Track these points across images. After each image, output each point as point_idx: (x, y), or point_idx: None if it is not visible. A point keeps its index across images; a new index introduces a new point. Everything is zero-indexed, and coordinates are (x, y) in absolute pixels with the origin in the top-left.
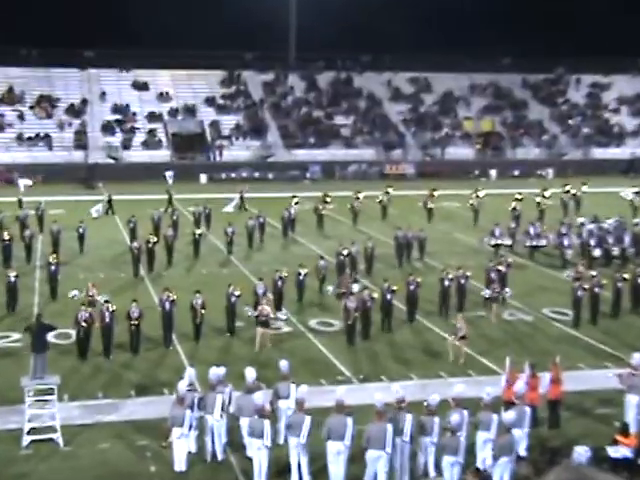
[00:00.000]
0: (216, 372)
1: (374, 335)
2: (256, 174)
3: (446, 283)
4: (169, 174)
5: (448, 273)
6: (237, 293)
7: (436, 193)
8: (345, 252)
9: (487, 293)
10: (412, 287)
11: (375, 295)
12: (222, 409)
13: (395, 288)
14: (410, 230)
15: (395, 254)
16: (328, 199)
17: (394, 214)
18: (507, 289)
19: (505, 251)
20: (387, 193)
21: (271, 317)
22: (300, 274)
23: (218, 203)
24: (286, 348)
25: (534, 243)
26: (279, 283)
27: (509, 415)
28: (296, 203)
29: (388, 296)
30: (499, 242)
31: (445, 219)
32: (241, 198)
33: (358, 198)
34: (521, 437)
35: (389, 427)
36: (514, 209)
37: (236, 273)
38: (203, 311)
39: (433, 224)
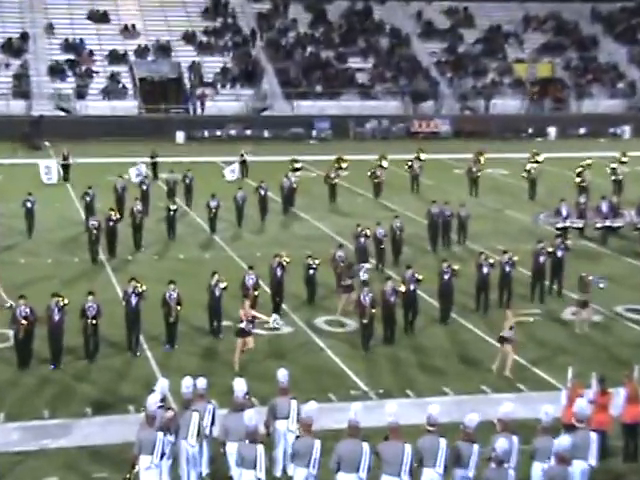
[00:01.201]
0: (191, 383)
1: (397, 338)
2: (248, 132)
3: (484, 270)
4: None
5: (487, 257)
6: (223, 285)
7: (483, 158)
8: (365, 233)
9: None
10: (446, 277)
11: (402, 288)
12: (198, 432)
13: (420, 277)
14: (448, 206)
15: (428, 236)
16: (343, 164)
17: (427, 185)
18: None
19: (572, 234)
20: (419, 159)
21: (251, 323)
22: (310, 267)
23: (200, 169)
24: (286, 353)
25: (608, 223)
26: (278, 272)
27: (563, 441)
28: (297, 169)
29: (411, 287)
30: (567, 224)
31: (492, 191)
32: (242, 163)
33: (382, 165)
34: (584, 471)
35: (407, 448)
36: (581, 179)
37: (222, 259)
38: (179, 307)
39: (478, 198)
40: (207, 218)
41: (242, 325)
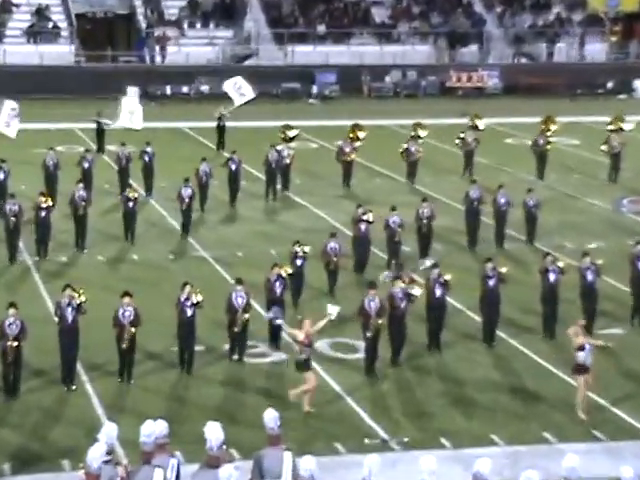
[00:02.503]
0: (153, 430)
1: (424, 364)
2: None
3: (551, 278)
4: (133, 91)
5: (555, 260)
6: (196, 300)
7: (554, 125)
8: (368, 218)
9: None
10: (491, 283)
11: (416, 292)
12: None
13: (447, 278)
14: (504, 190)
15: (466, 228)
16: (361, 134)
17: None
18: None
19: None
20: (474, 127)
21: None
22: (298, 257)
23: (161, 140)
24: (276, 388)
25: None
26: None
27: None
28: (291, 138)
29: (437, 292)
30: None
31: (558, 169)
32: (219, 129)
33: (418, 136)
34: None
35: None
36: None
37: (193, 261)
38: (133, 330)
39: (544, 179)
40: (180, 211)
41: (304, 356)
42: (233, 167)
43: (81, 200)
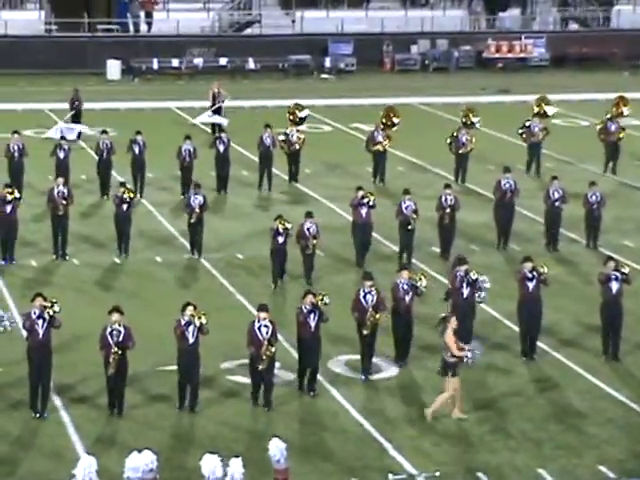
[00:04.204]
0: (139, 464)
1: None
2: (222, 61)
3: (613, 287)
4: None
5: (618, 266)
6: (198, 322)
7: (626, 109)
8: (369, 202)
9: None
10: (531, 285)
11: (421, 283)
12: None
13: (475, 277)
14: (558, 182)
15: (495, 224)
16: (396, 119)
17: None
18: None
19: None
20: (541, 114)
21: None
22: (279, 234)
23: (147, 122)
24: (283, 416)
25: None
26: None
27: None
28: (300, 120)
29: (464, 292)
30: None
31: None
32: (215, 109)
33: (471, 123)
34: None
35: None
36: None
37: (189, 270)
38: (119, 351)
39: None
40: (187, 225)
41: (455, 357)
42: (222, 148)
43: (61, 197)
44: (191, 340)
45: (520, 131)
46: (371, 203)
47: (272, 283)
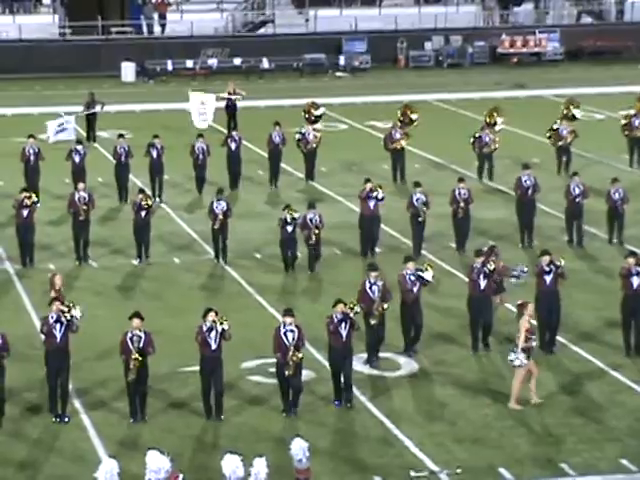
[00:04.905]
0: (159, 465)
1: (472, 375)
2: (236, 62)
3: (635, 283)
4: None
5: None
6: (220, 327)
7: None
8: (377, 195)
9: None
10: (548, 279)
11: (428, 275)
12: None
13: (491, 268)
14: (578, 178)
15: (518, 220)
16: (414, 115)
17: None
18: None
19: None
20: (569, 117)
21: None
22: (287, 223)
23: (164, 123)
24: (303, 416)
25: None
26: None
27: None
28: (316, 119)
29: (481, 283)
30: None
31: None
32: (229, 109)
33: (495, 122)
34: None
35: None
36: None
37: (205, 272)
38: (139, 357)
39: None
40: (211, 230)
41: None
42: (233, 146)
43: (83, 203)
44: (214, 346)
45: (548, 134)
46: (379, 196)
47: (284, 270)
